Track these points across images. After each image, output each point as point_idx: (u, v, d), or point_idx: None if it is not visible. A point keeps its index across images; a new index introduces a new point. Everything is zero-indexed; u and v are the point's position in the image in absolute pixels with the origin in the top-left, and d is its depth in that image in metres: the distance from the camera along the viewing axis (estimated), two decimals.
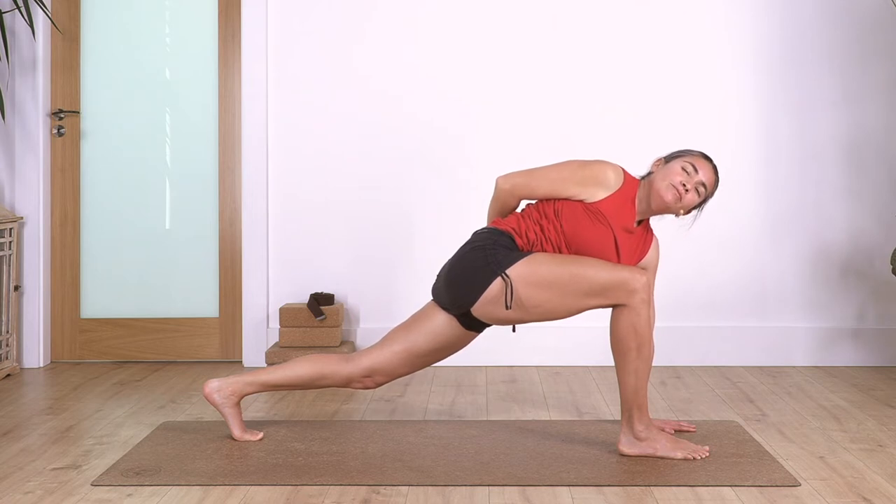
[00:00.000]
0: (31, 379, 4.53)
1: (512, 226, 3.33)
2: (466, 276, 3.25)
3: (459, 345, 3.42)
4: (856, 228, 4.80)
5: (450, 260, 3.37)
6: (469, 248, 3.30)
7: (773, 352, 4.78)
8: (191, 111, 4.91)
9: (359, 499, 2.85)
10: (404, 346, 3.38)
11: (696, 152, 3.39)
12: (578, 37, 4.81)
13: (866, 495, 2.88)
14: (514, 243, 3.28)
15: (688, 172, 3.31)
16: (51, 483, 3.01)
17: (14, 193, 4.79)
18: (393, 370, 3.41)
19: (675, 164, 3.34)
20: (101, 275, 4.92)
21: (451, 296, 3.30)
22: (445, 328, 3.37)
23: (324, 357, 3.44)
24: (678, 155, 3.39)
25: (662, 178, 3.32)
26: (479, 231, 3.37)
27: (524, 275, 3.20)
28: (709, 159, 3.38)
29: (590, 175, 3.31)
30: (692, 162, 3.33)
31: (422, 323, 3.39)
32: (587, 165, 3.33)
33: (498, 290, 3.21)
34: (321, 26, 4.84)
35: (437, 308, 3.38)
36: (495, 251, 3.24)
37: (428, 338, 3.38)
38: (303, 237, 4.85)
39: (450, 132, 4.83)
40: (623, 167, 3.40)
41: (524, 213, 3.39)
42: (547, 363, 4.79)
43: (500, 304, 3.22)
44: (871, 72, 4.79)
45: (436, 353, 3.41)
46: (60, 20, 4.88)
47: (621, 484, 2.96)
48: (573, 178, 3.31)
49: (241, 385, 3.43)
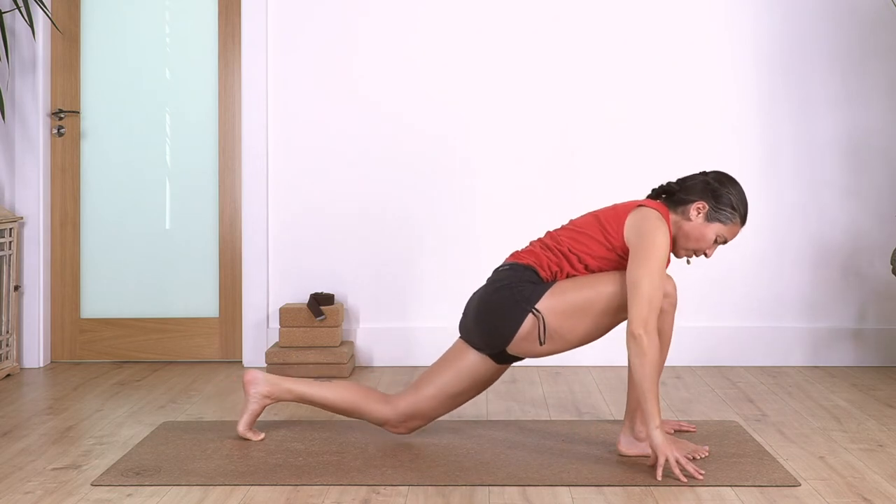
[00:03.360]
0: (31, 379, 4.53)
1: (532, 259, 3.26)
2: (497, 317, 3.19)
3: (494, 379, 3.37)
4: (856, 228, 4.80)
5: (475, 299, 3.29)
6: (494, 289, 3.22)
7: (773, 352, 4.78)
8: (191, 111, 4.91)
9: (359, 499, 2.85)
10: (439, 388, 3.33)
11: (739, 214, 3.23)
12: (578, 40, 4.81)
13: (866, 495, 2.88)
14: (537, 276, 3.22)
15: (717, 242, 3.25)
16: (51, 483, 3.01)
17: (14, 193, 4.79)
18: (429, 414, 3.37)
19: (713, 231, 3.22)
20: (101, 275, 4.92)
21: (483, 338, 3.25)
22: (479, 366, 3.32)
23: (368, 392, 3.41)
24: (723, 214, 3.22)
25: (695, 240, 3.23)
26: (500, 269, 3.28)
27: (553, 306, 3.15)
28: (745, 221, 3.28)
29: (665, 256, 3.15)
30: (728, 236, 3.24)
31: (453, 364, 3.33)
32: (662, 247, 3.12)
33: (530, 326, 3.16)
34: (321, 26, 4.84)
35: (468, 347, 3.33)
36: (521, 287, 3.18)
37: (462, 377, 3.32)
38: (303, 237, 4.85)
39: (450, 133, 4.83)
40: (664, 217, 3.21)
41: (540, 245, 3.30)
42: (547, 363, 4.79)
43: (535, 340, 3.18)
44: (871, 72, 4.79)
45: (471, 391, 3.36)
46: (60, 20, 4.88)
47: (621, 484, 2.96)
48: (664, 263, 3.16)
49: (281, 391, 3.41)
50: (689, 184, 3.28)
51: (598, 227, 3.24)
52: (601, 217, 3.26)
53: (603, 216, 3.26)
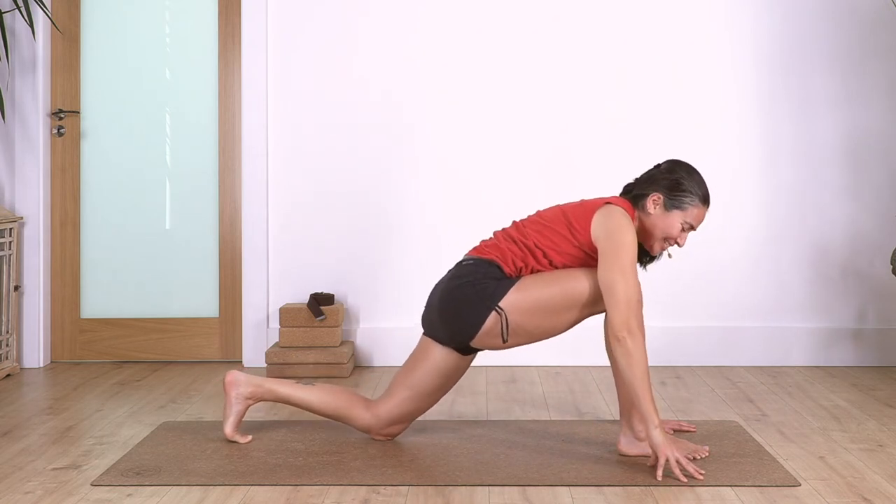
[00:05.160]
0: (31, 379, 4.53)
1: (496, 254, 3.26)
2: (460, 313, 3.20)
3: (463, 370, 3.38)
4: (856, 228, 4.80)
5: (438, 293, 3.29)
6: (457, 285, 3.23)
7: (773, 352, 4.78)
8: (191, 111, 4.91)
9: (359, 499, 2.85)
10: (413, 388, 3.34)
11: (698, 197, 3.22)
12: (578, 40, 4.81)
13: (866, 495, 2.88)
14: (501, 272, 3.23)
15: (684, 230, 3.24)
16: (51, 483, 3.01)
17: (14, 193, 4.79)
18: (409, 416, 3.38)
19: (675, 219, 3.22)
20: (101, 275, 4.92)
21: (448, 332, 3.26)
22: (446, 361, 3.32)
23: (352, 398, 3.41)
24: (680, 200, 3.21)
25: (661, 230, 3.23)
26: (464, 262, 3.28)
27: (516, 303, 3.17)
28: (708, 202, 3.25)
29: (634, 252, 3.14)
30: (693, 221, 3.23)
31: (422, 363, 3.34)
32: (630, 245, 3.11)
33: (493, 323, 3.18)
34: (321, 27, 4.84)
35: (432, 343, 3.34)
36: (485, 284, 3.19)
37: (432, 374, 3.33)
38: (303, 237, 4.85)
39: (450, 133, 4.83)
40: (628, 212, 3.23)
41: (504, 237, 3.30)
42: (547, 363, 4.79)
43: (498, 335, 3.19)
44: (871, 72, 4.79)
45: (444, 386, 3.37)
46: (60, 20, 4.88)
47: (621, 484, 2.96)
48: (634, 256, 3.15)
49: (262, 391, 3.40)
50: (642, 178, 3.30)
51: (565, 222, 3.24)
52: (568, 213, 3.25)
53: (570, 212, 3.25)
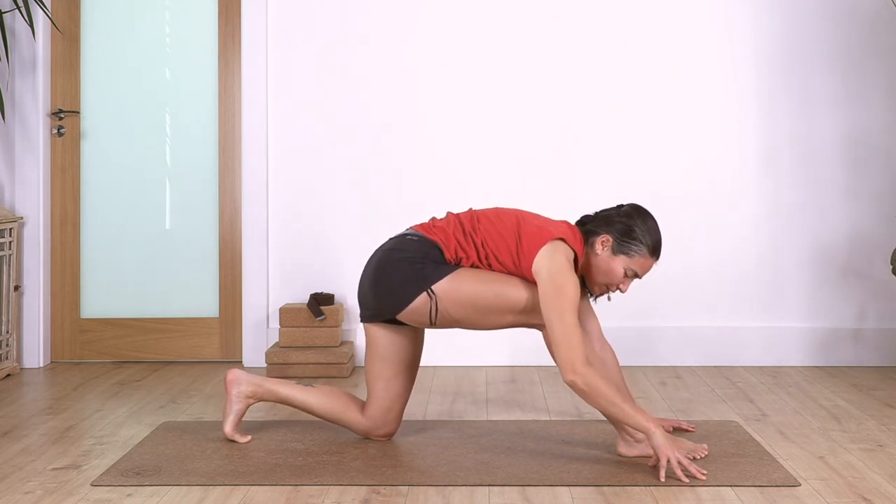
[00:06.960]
0: (31, 379, 4.53)
1: (441, 237, 3.26)
2: (393, 287, 3.22)
3: (418, 346, 3.40)
4: (856, 228, 4.80)
5: (374, 262, 3.29)
6: (396, 258, 3.23)
7: (773, 352, 4.78)
8: (191, 111, 4.91)
9: (359, 499, 2.85)
10: (382, 381, 3.37)
11: (647, 247, 3.18)
12: (578, 40, 4.81)
13: (866, 495, 2.88)
14: (442, 256, 3.24)
15: (627, 276, 3.22)
16: (51, 483, 3.01)
17: (14, 193, 4.79)
18: (392, 405, 3.38)
19: (619, 265, 3.20)
20: (101, 275, 4.92)
21: (377, 304, 3.28)
22: (392, 339, 3.35)
23: (350, 401, 3.42)
24: (628, 247, 3.18)
25: (604, 274, 3.21)
26: (408, 236, 3.29)
27: (449, 291, 3.18)
28: (657, 254, 3.21)
29: (574, 295, 3.11)
30: (638, 270, 3.20)
31: (373, 350, 3.37)
32: (569, 291, 3.08)
33: (422, 303, 3.19)
34: (321, 27, 4.84)
35: (371, 327, 3.36)
36: (423, 265, 3.20)
37: (391, 360, 3.36)
38: (303, 237, 4.85)
39: (450, 133, 4.83)
40: (578, 245, 3.20)
41: (456, 224, 3.29)
42: (547, 363, 4.79)
43: (425, 315, 3.21)
44: (871, 72, 4.79)
45: (406, 363, 3.38)
46: (60, 20, 4.88)
47: (621, 484, 2.96)
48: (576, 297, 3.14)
49: (263, 391, 3.41)
50: (600, 216, 3.28)
51: (515, 238, 3.22)
52: (522, 229, 3.23)
53: (524, 229, 3.23)
